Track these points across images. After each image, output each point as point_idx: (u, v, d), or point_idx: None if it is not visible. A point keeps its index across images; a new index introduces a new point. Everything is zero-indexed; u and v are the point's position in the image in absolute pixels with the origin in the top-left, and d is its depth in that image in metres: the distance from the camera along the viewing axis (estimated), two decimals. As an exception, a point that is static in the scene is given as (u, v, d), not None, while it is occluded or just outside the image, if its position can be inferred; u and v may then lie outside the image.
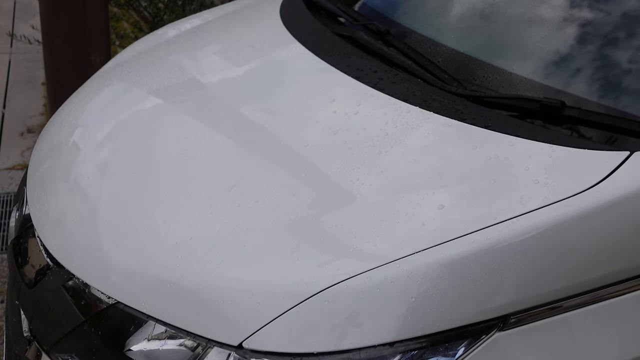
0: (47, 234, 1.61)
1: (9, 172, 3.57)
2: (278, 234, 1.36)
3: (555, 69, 1.59)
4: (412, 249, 1.26)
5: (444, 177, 1.40)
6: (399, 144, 1.48)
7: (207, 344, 1.30)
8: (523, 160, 1.38)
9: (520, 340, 1.27)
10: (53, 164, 1.77)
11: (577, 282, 1.29)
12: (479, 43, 1.75)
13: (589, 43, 1.59)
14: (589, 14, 1.63)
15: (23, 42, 4.29)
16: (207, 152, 1.61)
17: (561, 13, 1.67)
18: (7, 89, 4.41)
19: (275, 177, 1.48)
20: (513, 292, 1.26)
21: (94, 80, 2.16)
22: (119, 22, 4.42)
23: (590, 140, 1.43)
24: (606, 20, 1.60)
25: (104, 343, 1.39)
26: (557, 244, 1.27)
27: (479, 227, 1.26)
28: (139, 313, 1.37)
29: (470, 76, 1.63)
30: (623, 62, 1.53)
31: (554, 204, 1.28)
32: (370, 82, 1.66)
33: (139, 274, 1.40)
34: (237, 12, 2.32)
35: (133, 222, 1.50)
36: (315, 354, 1.23)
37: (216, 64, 1.99)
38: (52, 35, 3.34)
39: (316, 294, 1.24)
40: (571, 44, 1.60)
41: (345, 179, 1.43)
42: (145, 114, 1.84)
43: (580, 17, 1.63)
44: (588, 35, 1.60)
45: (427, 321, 1.23)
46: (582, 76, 1.55)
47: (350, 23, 1.93)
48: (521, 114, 1.50)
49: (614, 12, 1.60)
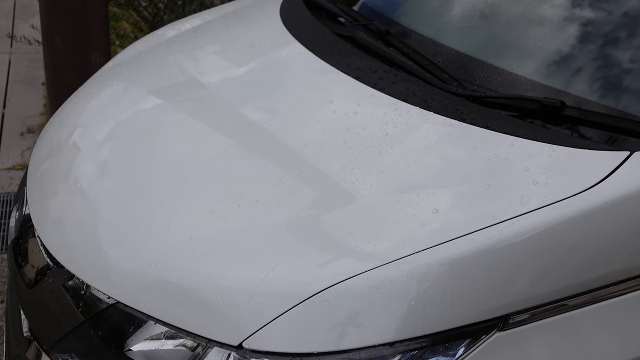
0: (47, 234, 1.61)
1: (9, 172, 3.56)
2: (278, 234, 1.36)
3: (555, 69, 1.59)
4: (412, 249, 1.26)
5: (443, 177, 1.40)
6: (399, 144, 1.48)
7: (207, 344, 1.29)
8: (523, 160, 1.38)
9: (520, 340, 1.27)
10: (53, 164, 1.77)
11: (577, 282, 1.29)
12: (478, 43, 1.75)
13: (588, 43, 1.59)
14: (588, 14, 1.63)
15: (23, 42, 4.29)
16: (207, 152, 1.61)
17: (561, 13, 1.66)
18: (7, 89, 4.41)
19: (275, 177, 1.48)
20: (513, 292, 1.26)
21: (94, 80, 2.16)
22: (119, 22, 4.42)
23: (590, 140, 1.43)
24: (606, 20, 1.60)
25: (104, 343, 1.39)
26: (557, 244, 1.27)
27: (479, 227, 1.26)
28: (139, 313, 1.37)
29: (470, 76, 1.63)
30: (623, 62, 1.53)
31: (554, 204, 1.28)
32: (370, 82, 1.66)
33: (139, 274, 1.40)
34: (237, 12, 2.32)
35: (133, 222, 1.50)
36: (315, 354, 1.23)
37: (216, 64, 1.99)
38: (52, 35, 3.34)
39: (316, 294, 1.24)
40: (571, 44, 1.60)
41: (345, 179, 1.43)
42: (145, 114, 1.84)
43: (579, 17, 1.63)
44: (588, 35, 1.60)
45: (427, 321, 1.23)
46: (582, 76, 1.55)
47: (350, 23, 1.93)
48: (521, 114, 1.50)
49: (613, 11, 1.60)
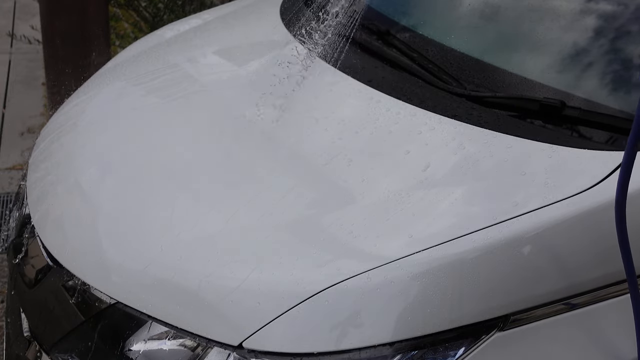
0: (47, 234, 1.61)
1: (9, 172, 3.56)
2: (278, 234, 1.36)
3: (555, 69, 1.59)
4: (412, 249, 1.25)
5: (443, 177, 1.40)
6: (399, 144, 1.48)
7: (207, 344, 1.29)
8: (523, 160, 1.38)
9: (520, 340, 1.27)
10: (53, 164, 1.77)
11: (577, 282, 1.29)
12: (478, 43, 1.75)
13: (588, 43, 1.59)
14: (588, 14, 1.63)
15: (23, 42, 4.29)
16: (207, 152, 1.61)
17: (561, 13, 1.66)
18: (7, 89, 4.41)
19: (275, 177, 1.48)
20: (513, 292, 1.26)
21: (94, 80, 2.16)
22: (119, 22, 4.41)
23: (590, 140, 1.43)
24: (606, 20, 1.60)
25: (104, 343, 1.39)
26: (557, 244, 1.27)
27: (479, 227, 1.26)
28: (139, 313, 1.37)
29: (470, 76, 1.63)
30: (623, 62, 1.53)
31: (554, 204, 1.28)
32: (370, 82, 1.66)
33: (139, 274, 1.40)
34: (237, 12, 2.32)
35: (133, 222, 1.50)
36: (315, 354, 1.23)
37: (216, 64, 1.99)
38: (52, 35, 3.34)
39: (316, 294, 1.24)
40: (571, 44, 1.60)
41: (345, 179, 1.43)
42: (145, 114, 1.84)
43: (579, 17, 1.63)
44: (588, 35, 1.59)
45: (427, 321, 1.23)
46: (582, 76, 1.55)
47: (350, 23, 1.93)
48: (521, 114, 1.50)
49: (613, 11, 1.60)
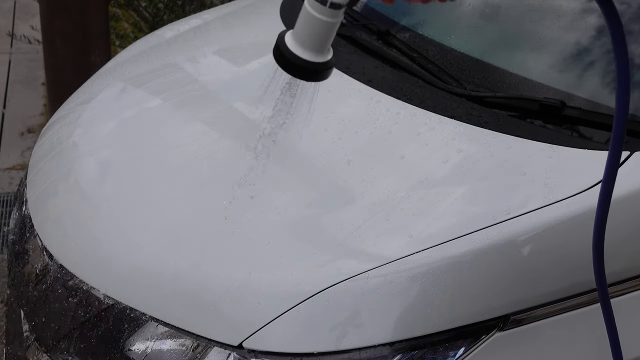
0: (47, 234, 1.61)
1: (9, 172, 3.56)
2: (278, 234, 1.36)
3: (555, 69, 1.59)
4: (412, 249, 1.25)
5: (443, 177, 1.40)
6: (398, 144, 1.48)
7: (207, 344, 1.29)
8: (523, 160, 1.38)
9: (520, 340, 1.27)
10: (53, 164, 1.77)
11: (577, 282, 1.29)
12: (478, 43, 1.75)
13: (588, 43, 1.59)
14: (588, 14, 1.63)
15: (23, 42, 4.28)
16: (207, 152, 1.61)
17: (561, 13, 1.66)
18: (7, 89, 4.40)
19: (275, 177, 1.48)
20: (513, 292, 1.26)
21: (94, 80, 2.16)
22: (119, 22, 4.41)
23: (590, 140, 1.43)
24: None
25: (104, 343, 1.39)
26: (557, 244, 1.27)
27: (479, 227, 1.26)
28: (139, 313, 1.37)
29: (470, 76, 1.63)
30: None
31: (554, 204, 1.28)
32: (370, 82, 1.66)
33: (139, 274, 1.40)
34: (237, 12, 2.32)
35: (133, 222, 1.50)
36: (315, 354, 1.23)
37: (216, 63, 1.99)
38: (52, 35, 3.34)
39: (316, 294, 1.24)
40: (571, 44, 1.60)
41: (345, 179, 1.43)
42: (145, 114, 1.84)
43: (579, 17, 1.63)
44: (588, 35, 1.59)
45: (427, 321, 1.23)
46: (582, 76, 1.55)
47: (350, 23, 1.93)
48: (521, 114, 1.50)
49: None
